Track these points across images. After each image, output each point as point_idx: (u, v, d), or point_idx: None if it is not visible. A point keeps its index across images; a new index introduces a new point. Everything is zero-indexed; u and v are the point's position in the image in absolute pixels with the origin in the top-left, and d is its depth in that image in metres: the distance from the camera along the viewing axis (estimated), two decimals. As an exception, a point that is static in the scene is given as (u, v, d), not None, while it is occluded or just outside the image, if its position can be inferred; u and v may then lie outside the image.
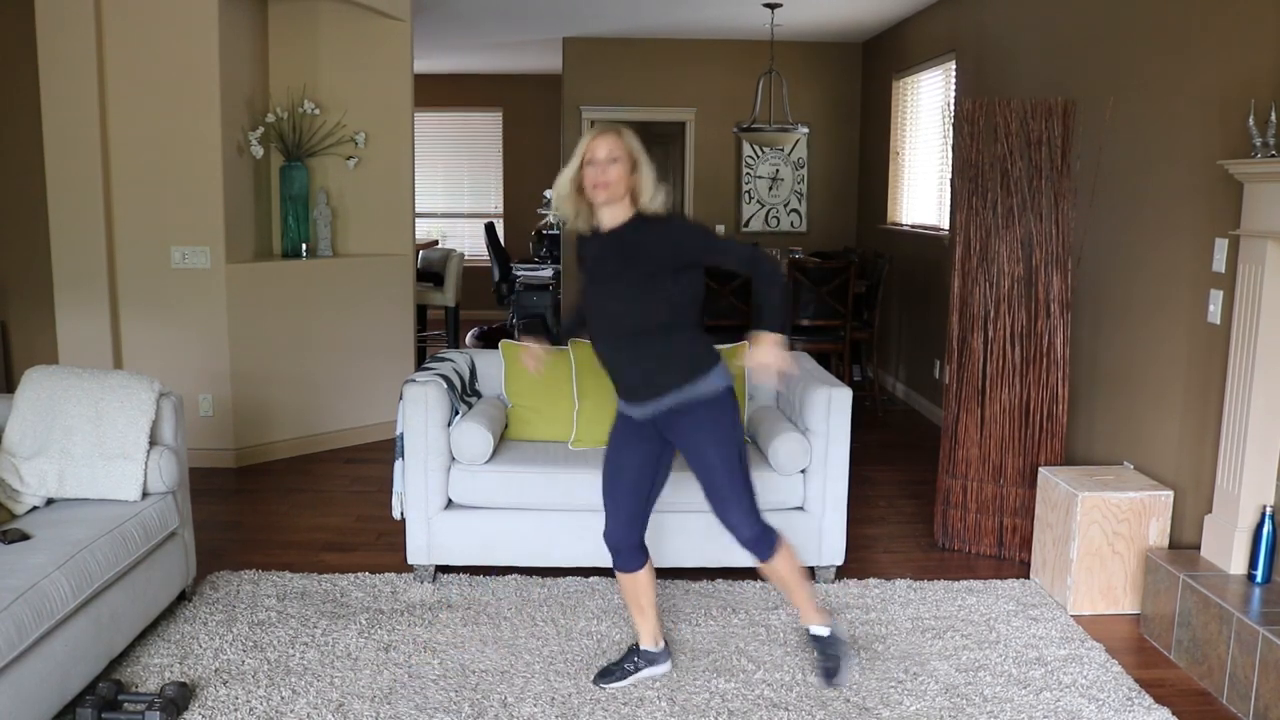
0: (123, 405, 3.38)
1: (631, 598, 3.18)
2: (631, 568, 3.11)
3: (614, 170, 2.78)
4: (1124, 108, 4.21)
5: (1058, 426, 4.23)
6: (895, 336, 7.62)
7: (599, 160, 2.78)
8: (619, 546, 3.08)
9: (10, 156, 5.55)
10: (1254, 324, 3.30)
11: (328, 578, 3.90)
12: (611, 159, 2.78)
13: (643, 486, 3.05)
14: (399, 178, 6.03)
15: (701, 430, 2.89)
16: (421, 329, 7.28)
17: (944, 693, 3.12)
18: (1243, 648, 3.05)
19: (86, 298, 5.13)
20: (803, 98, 8.52)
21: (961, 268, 4.30)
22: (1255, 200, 3.31)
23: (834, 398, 3.83)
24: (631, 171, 2.81)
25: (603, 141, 2.79)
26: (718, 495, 2.94)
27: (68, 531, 3.03)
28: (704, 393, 2.86)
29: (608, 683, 3.14)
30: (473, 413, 3.95)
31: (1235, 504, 3.39)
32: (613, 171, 2.78)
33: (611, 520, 3.08)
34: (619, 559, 3.10)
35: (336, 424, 5.80)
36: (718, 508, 2.96)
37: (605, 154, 2.78)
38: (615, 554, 3.10)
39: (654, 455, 3.03)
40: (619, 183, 2.79)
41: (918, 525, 4.69)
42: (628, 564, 3.10)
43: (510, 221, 11.49)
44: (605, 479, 3.08)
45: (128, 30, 5.02)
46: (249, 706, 2.96)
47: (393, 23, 5.87)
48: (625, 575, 3.13)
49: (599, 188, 2.78)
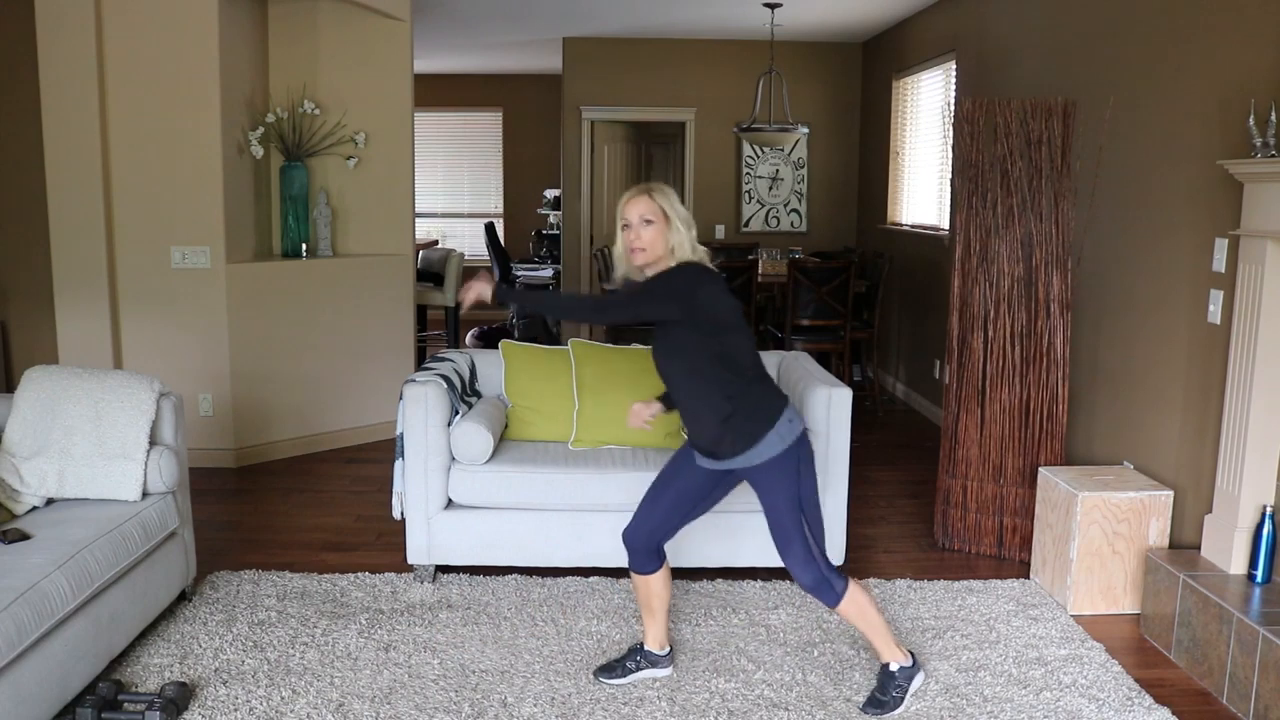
0: (123, 405, 3.38)
1: (643, 599, 3.18)
2: (644, 570, 3.11)
3: (648, 233, 2.84)
4: (1124, 108, 4.21)
5: (1058, 426, 4.23)
6: (895, 336, 7.62)
7: (633, 223, 2.85)
8: (634, 547, 3.08)
9: (10, 156, 5.55)
10: (1254, 324, 3.30)
11: (328, 578, 3.90)
12: (644, 221, 2.84)
13: (683, 506, 3.08)
14: (399, 178, 6.03)
15: (759, 488, 2.92)
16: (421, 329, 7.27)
17: (944, 693, 3.12)
18: (1243, 648, 3.05)
19: (86, 298, 5.13)
20: (803, 98, 8.51)
21: (961, 268, 4.30)
22: (1255, 200, 3.31)
23: (834, 398, 3.83)
24: (668, 231, 2.85)
25: (634, 205, 2.86)
26: (776, 538, 2.93)
27: (68, 531, 3.03)
28: (761, 459, 2.86)
29: (608, 678, 3.14)
30: (473, 413, 3.95)
31: (1235, 504, 3.39)
32: (646, 235, 2.84)
33: (637, 522, 3.08)
34: (633, 559, 3.11)
35: (336, 424, 5.80)
36: (778, 550, 2.95)
37: (638, 216, 2.84)
38: (629, 552, 3.10)
39: (709, 488, 3.05)
40: (655, 243, 2.84)
41: (918, 525, 4.69)
42: (641, 566, 3.10)
43: (510, 221, 11.50)
44: (654, 483, 3.11)
45: (128, 30, 5.02)
46: (249, 706, 2.96)
47: (393, 23, 5.87)
48: (638, 576, 3.13)
49: (635, 252, 2.86)
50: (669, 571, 3.17)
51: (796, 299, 6.46)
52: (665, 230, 2.84)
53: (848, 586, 2.92)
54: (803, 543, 2.88)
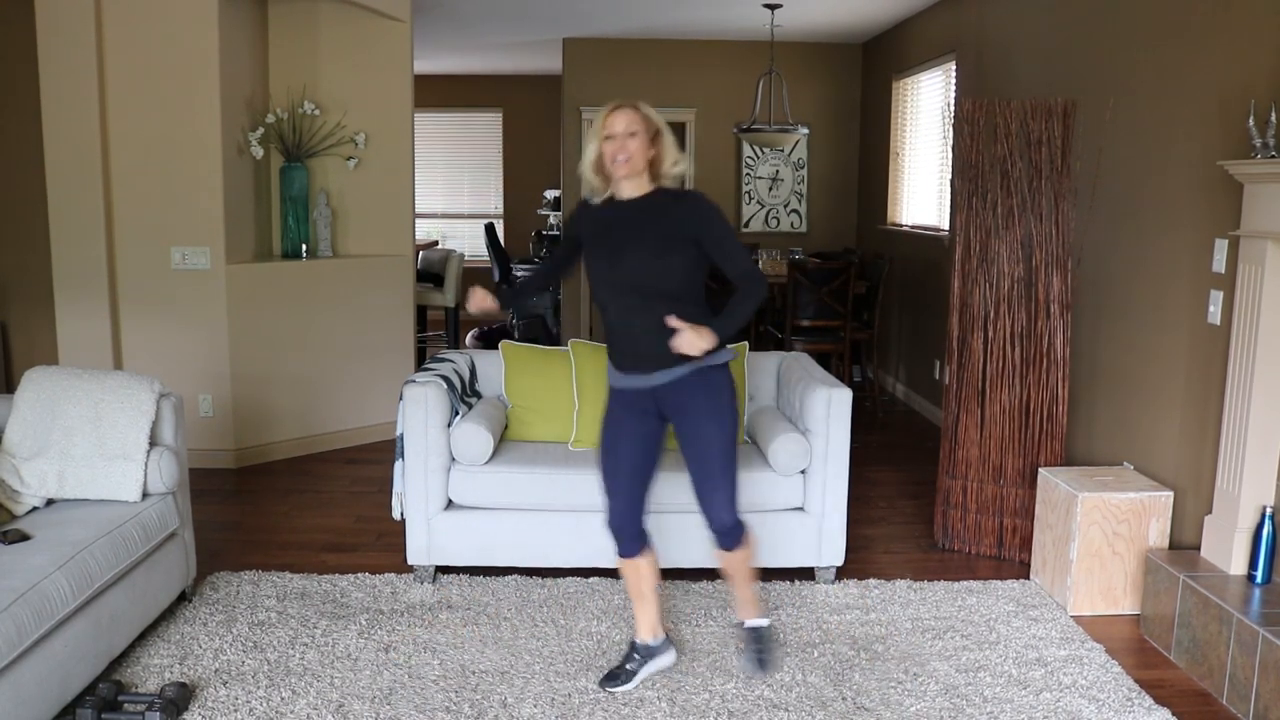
0: (123, 406, 3.38)
1: (634, 585, 3.18)
2: (633, 553, 3.11)
3: (633, 143, 2.81)
4: (1124, 108, 4.21)
5: (1058, 427, 4.23)
6: (895, 337, 7.62)
7: (617, 134, 2.81)
8: (622, 530, 3.08)
9: (10, 156, 5.55)
10: (1254, 324, 3.30)
11: (328, 578, 3.90)
12: (629, 133, 2.81)
13: (643, 468, 3.05)
14: (399, 178, 6.03)
15: (709, 400, 2.90)
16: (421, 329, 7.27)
17: (944, 693, 3.12)
18: (1243, 648, 3.05)
19: (86, 298, 5.13)
20: (803, 98, 8.51)
21: (961, 268, 4.30)
22: (1255, 200, 3.31)
23: (834, 398, 3.83)
24: (652, 143, 2.84)
25: (620, 116, 2.82)
26: (708, 475, 2.94)
27: (68, 532, 3.03)
28: (715, 361, 2.87)
29: (614, 686, 3.12)
30: (473, 413, 3.95)
31: (1235, 504, 3.39)
32: (632, 145, 2.81)
33: (613, 503, 3.07)
34: (622, 544, 3.10)
35: (336, 424, 5.80)
36: (704, 488, 2.96)
37: (623, 128, 2.81)
38: (618, 539, 3.09)
39: (652, 435, 3.03)
40: (639, 155, 2.82)
41: (918, 526, 4.69)
42: (630, 549, 3.10)
43: (510, 222, 11.49)
44: (604, 463, 3.08)
45: (128, 30, 5.02)
46: (249, 707, 2.96)
47: (393, 23, 5.87)
48: (627, 562, 3.13)
49: (619, 162, 2.81)
50: (654, 553, 3.17)
51: (796, 300, 6.46)
52: (646, 143, 2.83)
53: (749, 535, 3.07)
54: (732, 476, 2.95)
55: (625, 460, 3.03)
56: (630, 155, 2.80)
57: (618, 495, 3.06)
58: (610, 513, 3.08)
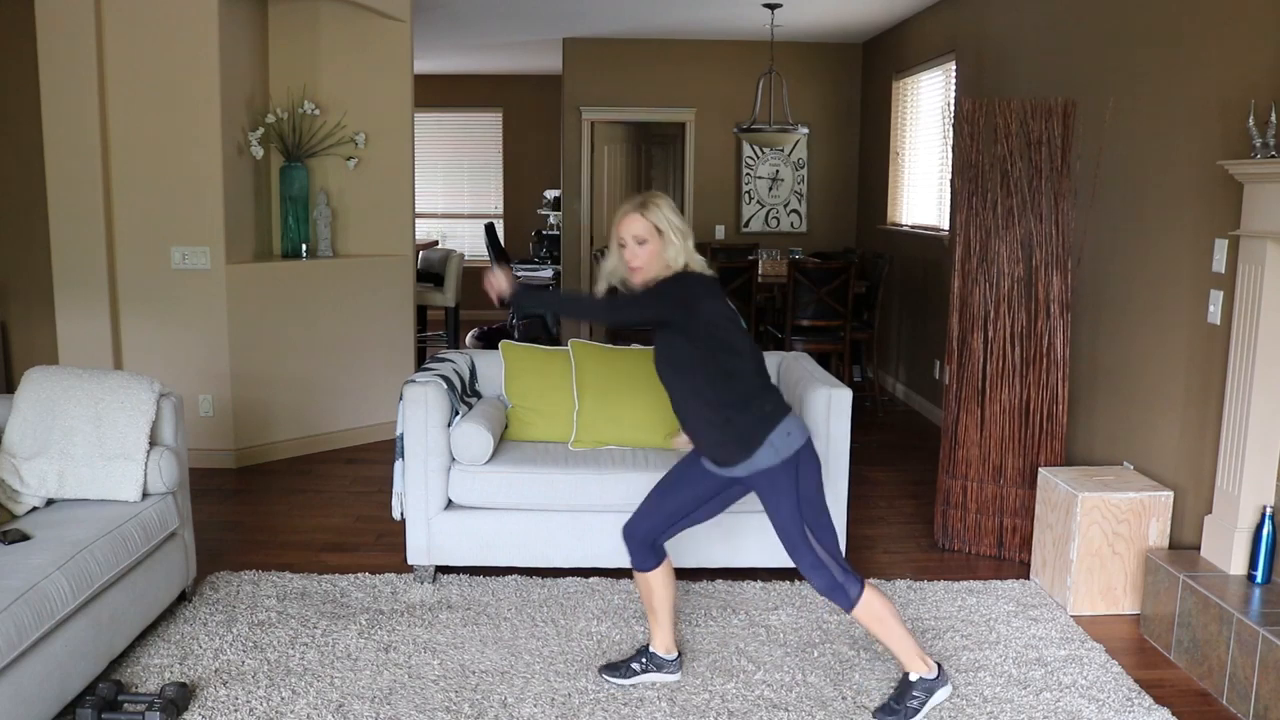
0: (123, 405, 3.38)
1: (645, 599, 3.18)
2: (644, 567, 3.10)
3: (643, 252, 2.87)
4: (1124, 108, 4.21)
5: (1058, 427, 4.23)
6: (895, 337, 7.62)
7: (628, 243, 2.88)
8: (631, 538, 3.08)
9: (10, 156, 5.55)
10: (1254, 324, 3.30)
11: (328, 578, 3.90)
12: (639, 241, 2.87)
13: (689, 506, 3.07)
14: (399, 178, 6.02)
15: (760, 495, 2.93)
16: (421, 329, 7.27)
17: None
18: (1243, 648, 3.05)
19: (86, 298, 5.13)
20: (803, 98, 8.51)
21: (961, 268, 4.30)
22: (1255, 201, 3.31)
23: (834, 398, 3.83)
24: (663, 246, 2.87)
25: (628, 224, 2.88)
26: (790, 549, 2.93)
27: (68, 532, 3.03)
28: (763, 466, 2.86)
29: (611, 676, 3.14)
30: (473, 413, 3.95)
31: (1235, 504, 3.39)
32: (642, 254, 2.87)
33: (639, 517, 3.09)
34: (631, 554, 3.10)
35: (336, 424, 5.80)
36: (789, 555, 2.95)
37: (631, 238, 2.87)
38: (627, 546, 3.10)
39: (717, 489, 3.04)
40: (650, 263, 2.88)
41: (918, 525, 4.69)
42: (640, 562, 3.10)
43: (510, 222, 11.49)
44: (664, 481, 3.12)
45: (128, 30, 5.02)
46: (249, 707, 2.96)
47: (393, 23, 5.86)
48: (638, 575, 3.13)
49: (634, 271, 2.89)
50: (671, 571, 3.16)
51: (796, 299, 6.46)
52: (660, 247, 2.86)
53: (863, 592, 2.89)
54: (808, 550, 2.88)
55: (680, 492, 3.07)
56: (642, 265, 2.88)
57: (648, 512, 3.08)
58: (632, 519, 3.10)
